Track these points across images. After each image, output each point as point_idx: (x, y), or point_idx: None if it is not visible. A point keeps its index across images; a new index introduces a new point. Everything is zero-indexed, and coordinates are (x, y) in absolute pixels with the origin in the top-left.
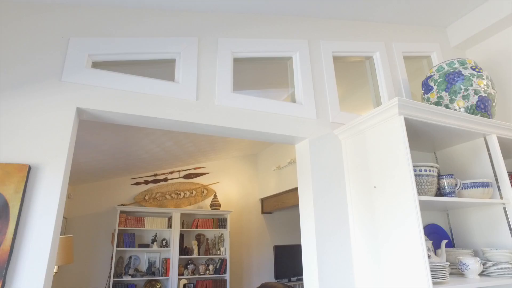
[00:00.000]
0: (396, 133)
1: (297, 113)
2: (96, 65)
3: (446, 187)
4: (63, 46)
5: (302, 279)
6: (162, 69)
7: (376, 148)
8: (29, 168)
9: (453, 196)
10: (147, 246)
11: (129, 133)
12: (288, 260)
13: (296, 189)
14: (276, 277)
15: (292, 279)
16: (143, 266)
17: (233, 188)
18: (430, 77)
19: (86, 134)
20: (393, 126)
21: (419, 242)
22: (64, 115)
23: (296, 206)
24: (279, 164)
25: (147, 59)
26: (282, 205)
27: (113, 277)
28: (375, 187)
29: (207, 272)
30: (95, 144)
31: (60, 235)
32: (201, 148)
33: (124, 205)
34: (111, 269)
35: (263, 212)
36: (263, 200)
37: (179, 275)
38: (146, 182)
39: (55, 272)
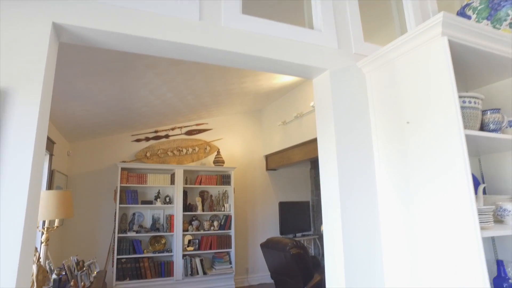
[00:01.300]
0: (437, 58)
1: (316, 40)
2: None
3: (490, 123)
4: None
5: (306, 235)
6: None
7: (410, 79)
8: None
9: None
10: (150, 202)
11: (126, 82)
12: (292, 216)
13: (302, 145)
14: (281, 233)
15: (297, 234)
16: (147, 223)
17: (236, 144)
18: (467, 5)
19: (79, 82)
20: (433, 50)
21: (465, 182)
22: (38, 31)
23: (301, 162)
24: (285, 119)
25: None
26: (287, 162)
27: (118, 233)
28: (408, 123)
29: (212, 228)
30: (90, 94)
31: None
32: (203, 102)
33: (125, 162)
34: (115, 226)
35: (267, 169)
36: (267, 157)
37: (183, 231)
38: (147, 139)
39: (57, 226)
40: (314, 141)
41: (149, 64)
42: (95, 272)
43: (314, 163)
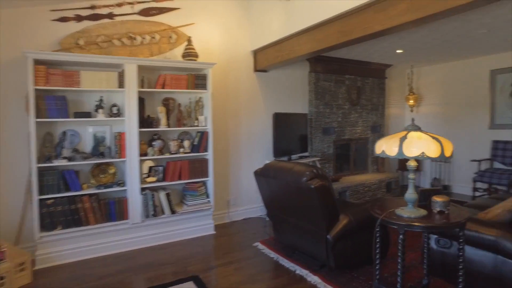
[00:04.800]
0: None
1: None
2: None
3: None
4: None
5: (304, 157)
6: None
7: None
8: None
9: None
10: (88, 115)
11: None
12: (287, 133)
13: (315, 28)
14: (275, 154)
15: (293, 156)
16: (86, 145)
17: (215, 33)
18: None
19: None
20: None
21: None
22: None
23: (303, 59)
24: None
25: None
26: (287, 57)
27: (38, 163)
28: None
29: (181, 150)
30: None
31: None
32: None
33: (43, 52)
34: (30, 151)
35: (256, 70)
36: (256, 53)
37: (141, 155)
38: (79, 18)
39: None
40: (339, 19)
41: None
42: None
43: (316, 63)
